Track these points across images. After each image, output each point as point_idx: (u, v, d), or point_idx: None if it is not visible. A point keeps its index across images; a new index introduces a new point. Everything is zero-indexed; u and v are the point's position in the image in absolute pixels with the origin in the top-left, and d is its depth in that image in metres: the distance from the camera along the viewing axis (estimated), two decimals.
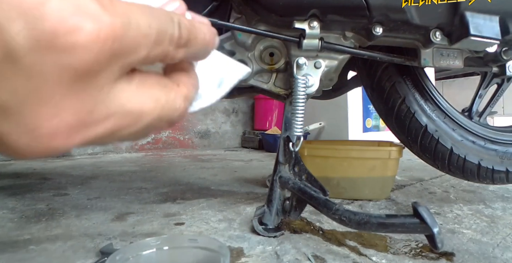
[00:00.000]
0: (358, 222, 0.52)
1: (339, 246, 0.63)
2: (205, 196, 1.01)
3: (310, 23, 0.65)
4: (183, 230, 0.72)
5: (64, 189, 1.11)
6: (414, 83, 0.82)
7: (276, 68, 0.75)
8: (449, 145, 0.80)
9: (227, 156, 2.07)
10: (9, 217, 0.81)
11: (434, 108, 0.82)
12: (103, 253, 0.58)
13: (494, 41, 0.66)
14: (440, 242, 0.45)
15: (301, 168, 0.68)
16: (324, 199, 0.57)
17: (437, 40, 0.68)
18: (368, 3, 0.63)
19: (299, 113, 0.67)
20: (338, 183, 0.95)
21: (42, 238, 0.67)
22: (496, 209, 0.86)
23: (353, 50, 0.71)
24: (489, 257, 0.58)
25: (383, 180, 0.94)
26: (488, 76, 0.90)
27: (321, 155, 0.96)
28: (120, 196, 1.00)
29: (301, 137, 0.68)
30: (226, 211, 0.84)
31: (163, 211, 0.85)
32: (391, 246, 0.62)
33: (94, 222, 0.77)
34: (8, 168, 1.58)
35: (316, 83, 0.70)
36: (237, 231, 0.71)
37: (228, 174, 1.40)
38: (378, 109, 0.89)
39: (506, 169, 0.82)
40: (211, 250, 0.41)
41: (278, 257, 0.58)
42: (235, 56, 0.73)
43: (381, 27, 0.66)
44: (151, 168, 1.57)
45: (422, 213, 0.47)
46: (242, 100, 2.83)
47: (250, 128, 2.85)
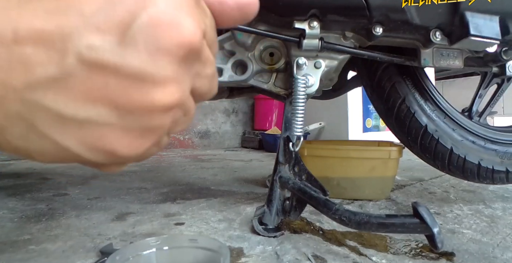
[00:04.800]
0: (358, 222, 0.52)
1: (339, 246, 0.63)
2: (205, 196, 1.01)
3: (310, 23, 0.65)
4: (183, 230, 0.72)
5: (64, 189, 1.11)
6: (414, 83, 0.82)
7: (276, 68, 0.75)
8: (449, 145, 0.80)
9: (227, 156, 2.07)
10: (9, 217, 0.81)
11: (434, 108, 0.82)
12: (103, 253, 0.58)
13: (494, 41, 0.66)
14: (440, 242, 0.45)
15: (301, 168, 0.68)
16: (324, 199, 0.57)
17: (437, 40, 0.68)
18: (368, 3, 0.63)
19: (299, 113, 0.67)
20: (338, 183, 0.95)
21: (42, 238, 0.67)
22: (496, 209, 0.86)
23: (353, 50, 0.71)
24: (489, 257, 0.58)
25: (383, 180, 0.94)
26: (488, 76, 0.90)
27: (321, 155, 0.95)
28: (120, 196, 1.00)
29: (301, 137, 0.68)
30: (226, 211, 0.84)
31: (163, 211, 0.85)
32: (391, 246, 0.62)
33: (94, 222, 0.77)
34: (8, 168, 1.58)
35: (316, 83, 0.70)
36: (237, 231, 0.71)
37: (228, 174, 1.40)
38: (378, 109, 0.89)
39: (506, 169, 0.82)
40: (211, 250, 0.41)
41: (278, 257, 0.58)
42: (235, 56, 0.73)
43: (381, 27, 0.66)
44: (151, 168, 1.57)
45: (422, 213, 0.47)
46: (242, 100, 2.83)
47: (250, 128, 2.85)
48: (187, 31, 0.16)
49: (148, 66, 0.15)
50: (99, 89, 0.15)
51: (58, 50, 0.14)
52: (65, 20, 0.14)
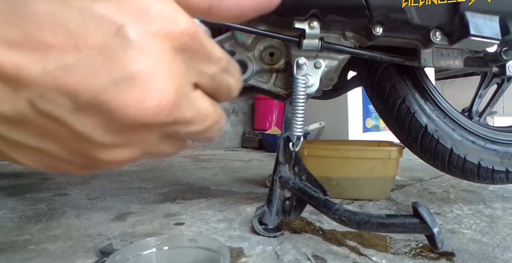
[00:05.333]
0: (358, 222, 0.52)
1: (339, 246, 0.63)
2: (205, 196, 1.01)
3: (310, 23, 0.65)
4: (183, 230, 0.72)
5: (64, 189, 1.11)
6: (414, 83, 0.82)
7: (276, 68, 0.75)
8: (449, 145, 0.80)
9: (227, 156, 2.07)
10: (9, 217, 0.81)
11: (434, 108, 0.82)
12: (103, 253, 0.58)
13: (494, 41, 0.66)
14: (440, 242, 0.45)
15: (301, 168, 0.68)
16: (324, 199, 0.57)
17: (437, 40, 0.68)
18: (368, 3, 0.63)
19: (299, 113, 0.67)
20: (338, 183, 0.95)
21: (42, 238, 0.67)
22: (496, 209, 0.86)
23: (353, 50, 0.71)
24: (489, 257, 0.58)
25: (383, 180, 0.94)
26: (488, 76, 0.90)
27: (321, 155, 0.95)
28: (120, 196, 1.00)
29: (301, 137, 0.68)
30: (226, 211, 0.84)
31: (163, 211, 0.85)
32: (391, 246, 0.62)
33: (94, 222, 0.77)
34: (8, 168, 1.58)
35: (316, 83, 0.70)
36: (237, 231, 0.71)
37: (228, 174, 1.40)
38: (378, 109, 0.89)
39: (506, 169, 0.81)
40: (211, 250, 0.41)
41: (278, 257, 0.58)
42: (235, 56, 0.73)
43: (381, 27, 0.66)
44: (151, 168, 1.57)
45: (422, 213, 0.47)
46: (242, 100, 2.83)
47: (250, 128, 2.85)
48: (143, 111, 0.15)
49: (97, 135, 0.16)
50: (50, 132, 0.15)
51: (12, 89, 0.14)
52: (25, 61, 0.13)
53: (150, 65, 0.15)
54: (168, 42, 0.16)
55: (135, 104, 0.15)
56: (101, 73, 0.14)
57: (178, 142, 0.20)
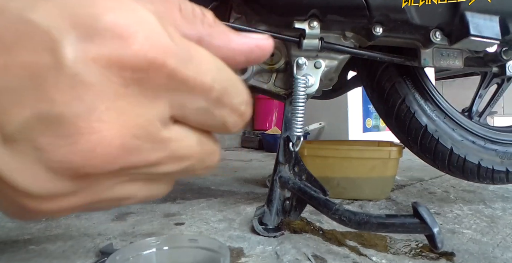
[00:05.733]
0: (358, 222, 0.52)
1: (339, 246, 0.63)
2: (205, 196, 1.01)
3: (310, 23, 0.65)
4: (183, 230, 0.72)
5: None
6: (414, 83, 0.82)
7: (276, 68, 0.75)
8: (449, 145, 0.80)
9: (227, 156, 2.07)
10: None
11: (434, 108, 0.82)
12: (103, 253, 0.58)
13: (494, 41, 0.66)
14: (440, 242, 0.45)
15: (301, 168, 0.68)
16: (324, 199, 0.57)
17: (437, 40, 0.68)
18: (368, 3, 0.63)
19: (299, 113, 0.67)
20: (338, 183, 0.95)
21: (42, 238, 0.67)
22: (496, 209, 0.86)
23: (353, 50, 0.71)
24: (489, 257, 0.58)
25: (383, 180, 0.94)
26: (488, 76, 0.90)
27: (321, 155, 0.95)
28: None
29: (301, 137, 0.68)
30: (226, 211, 0.84)
31: (163, 211, 0.85)
32: (391, 246, 0.62)
33: (94, 222, 0.77)
34: None
35: (316, 83, 0.70)
36: (237, 231, 0.71)
37: (228, 174, 1.40)
38: (378, 109, 0.89)
39: (506, 169, 0.82)
40: (211, 250, 0.41)
41: (278, 257, 0.58)
42: None
43: (381, 27, 0.66)
44: None
45: (422, 213, 0.47)
46: None
47: (250, 128, 2.85)
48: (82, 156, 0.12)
49: (24, 181, 0.13)
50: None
51: None
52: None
53: (86, 101, 0.12)
54: (114, 70, 0.12)
55: (64, 149, 0.12)
56: (26, 103, 0.11)
57: (158, 183, 0.16)
